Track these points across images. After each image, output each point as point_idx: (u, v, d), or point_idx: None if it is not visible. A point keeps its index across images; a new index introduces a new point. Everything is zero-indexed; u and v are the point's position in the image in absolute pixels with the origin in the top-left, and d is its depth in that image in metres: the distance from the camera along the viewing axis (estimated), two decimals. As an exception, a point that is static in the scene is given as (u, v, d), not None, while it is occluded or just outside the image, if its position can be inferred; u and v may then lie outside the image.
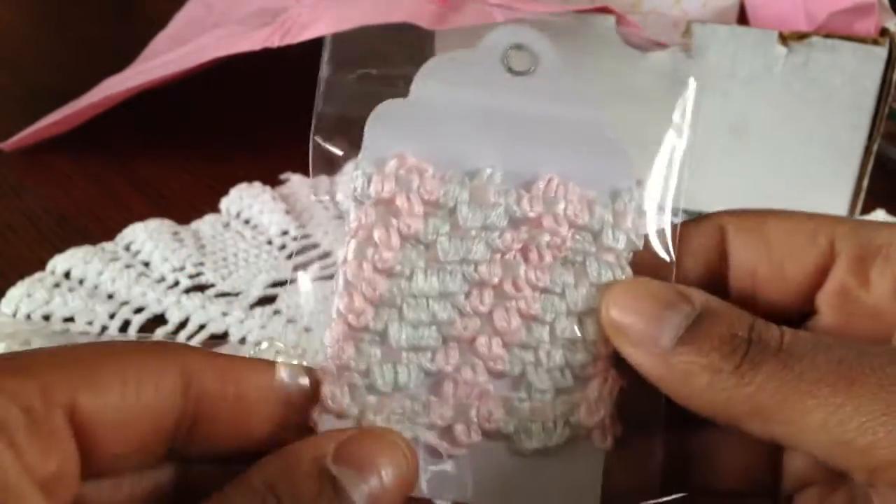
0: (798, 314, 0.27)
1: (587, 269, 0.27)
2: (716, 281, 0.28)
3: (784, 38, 0.48)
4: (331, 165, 0.29)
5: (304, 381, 0.26)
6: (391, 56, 0.29)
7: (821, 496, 0.26)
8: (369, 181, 0.27)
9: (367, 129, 0.27)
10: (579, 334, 0.27)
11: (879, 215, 0.53)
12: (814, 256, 0.27)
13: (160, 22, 0.70)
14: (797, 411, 0.22)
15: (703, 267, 0.28)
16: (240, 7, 0.66)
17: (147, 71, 0.60)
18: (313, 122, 0.29)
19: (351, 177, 0.27)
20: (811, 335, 0.24)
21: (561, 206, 0.27)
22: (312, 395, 0.26)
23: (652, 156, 0.29)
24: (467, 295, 0.27)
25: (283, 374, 0.25)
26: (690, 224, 0.28)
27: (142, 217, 0.52)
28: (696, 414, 0.24)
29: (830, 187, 0.51)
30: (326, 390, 0.25)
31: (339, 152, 0.28)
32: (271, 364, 0.25)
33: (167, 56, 0.61)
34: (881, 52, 0.47)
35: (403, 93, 0.27)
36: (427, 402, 0.26)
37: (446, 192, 0.27)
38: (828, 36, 0.48)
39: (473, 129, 0.27)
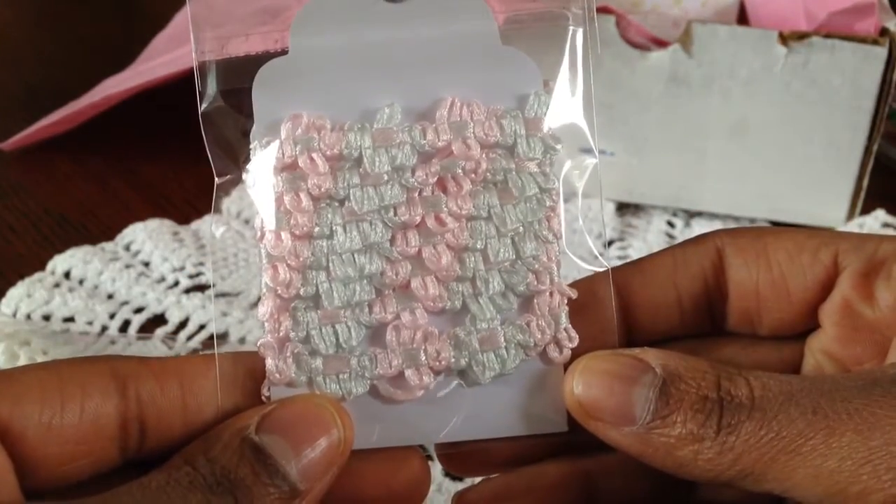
0: (800, 331, 0.27)
1: (510, 186, 0.26)
2: (713, 301, 0.28)
3: (784, 38, 0.48)
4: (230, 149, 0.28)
5: (245, 365, 0.26)
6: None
7: None
8: (267, 149, 0.26)
9: (254, 97, 0.27)
10: (514, 255, 0.26)
11: (879, 215, 0.53)
12: (817, 273, 0.27)
13: (160, 22, 0.70)
14: (785, 470, 0.22)
15: (701, 288, 0.28)
16: (239, 7, 0.66)
17: (147, 71, 0.60)
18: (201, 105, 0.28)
19: (249, 149, 0.27)
20: (778, 380, 0.24)
21: (469, 128, 0.26)
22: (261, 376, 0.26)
23: (557, 58, 0.27)
24: (392, 241, 0.26)
25: (224, 363, 0.25)
26: (688, 245, 0.28)
27: (142, 217, 0.52)
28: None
29: (830, 187, 0.51)
30: (270, 364, 0.25)
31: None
32: (212, 357, 0.25)
33: (167, 56, 0.61)
34: (881, 52, 0.47)
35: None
36: (374, 355, 0.26)
37: (348, 143, 0.26)
38: (828, 36, 0.48)
39: (361, 70, 0.26)
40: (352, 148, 0.26)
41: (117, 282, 0.48)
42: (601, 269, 0.27)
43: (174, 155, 0.60)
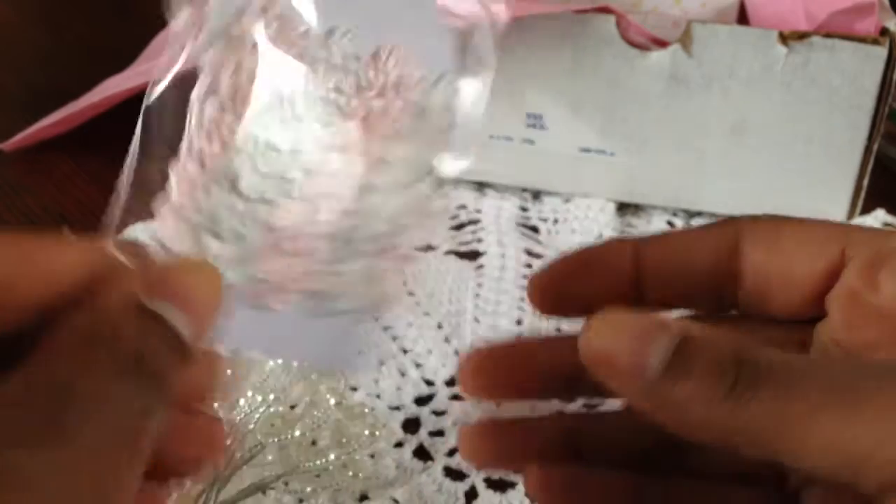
0: (808, 318, 0.27)
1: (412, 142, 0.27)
2: (724, 282, 0.28)
3: (784, 38, 0.48)
4: None
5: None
6: None
7: (828, 496, 0.26)
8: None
9: None
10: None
11: (879, 215, 0.53)
12: (824, 262, 0.27)
13: (160, 22, 0.70)
14: (800, 433, 0.22)
15: (712, 266, 0.27)
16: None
17: (147, 71, 0.60)
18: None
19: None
20: (797, 356, 0.23)
21: (404, 79, 0.26)
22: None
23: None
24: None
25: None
26: (709, 226, 0.28)
27: (142, 218, 0.52)
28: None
29: (830, 187, 0.51)
30: (168, 229, 0.24)
31: None
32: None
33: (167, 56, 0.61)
34: (881, 52, 0.47)
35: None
36: (260, 254, 0.25)
37: (306, 48, 0.25)
38: (828, 36, 0.48)
39: None
40: (307, 55, 0.26)
41: (117, 282, 0.48)
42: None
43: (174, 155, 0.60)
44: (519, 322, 0.46)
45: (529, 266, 0.51)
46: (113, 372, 0.20)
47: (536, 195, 0.56)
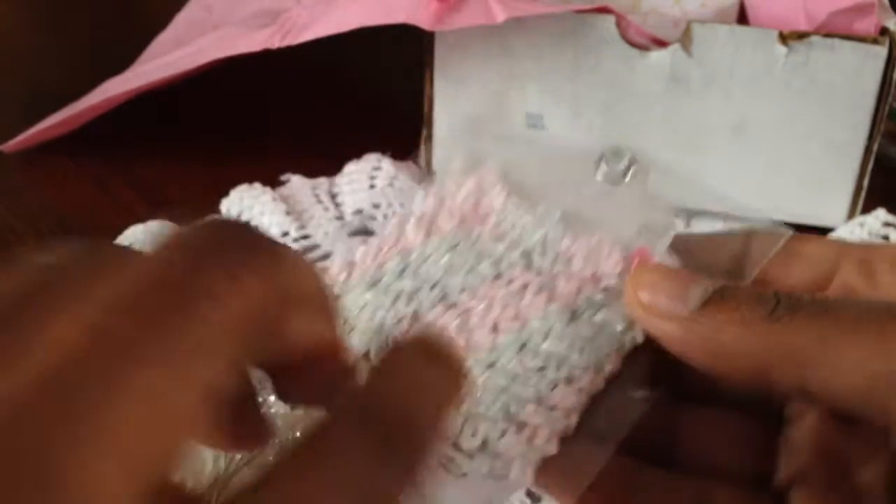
0: None
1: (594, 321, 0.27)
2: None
3: (784, 38, 0.48)
4: None
5: None
6: None
7: (814, 495, 0.26)
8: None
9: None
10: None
11: (880, 215, 0.53)
12: (821, 266, 0.27)
13: (160, 23, 0.70)
14: (834, 352, 0.22)
15: (731, 267, 0.28)
16: (240, 8, 0.66)
17: (147, 72, 0.60)
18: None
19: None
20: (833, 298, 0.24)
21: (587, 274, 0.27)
22: None
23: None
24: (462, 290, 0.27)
25: None
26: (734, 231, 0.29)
27: (142, 218, 0.52)
28: (706, 386, 0.25)
29: (830, 187, 0.51)
30: None
31: None
32: None
33: (167, 58, 0.61)
34: (881, 52, 0.47)
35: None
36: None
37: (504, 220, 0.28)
38: (828, 35, 0.48)
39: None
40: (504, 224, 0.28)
41: (118, 283, 0.48)
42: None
43: (174, 156, 0.60)
44: (519, 322, 0.46)
45: (530, 266, 0.50)
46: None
47: (537, 195, 0.56)
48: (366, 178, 0.57)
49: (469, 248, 0.27)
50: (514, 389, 0.26)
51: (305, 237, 0.53)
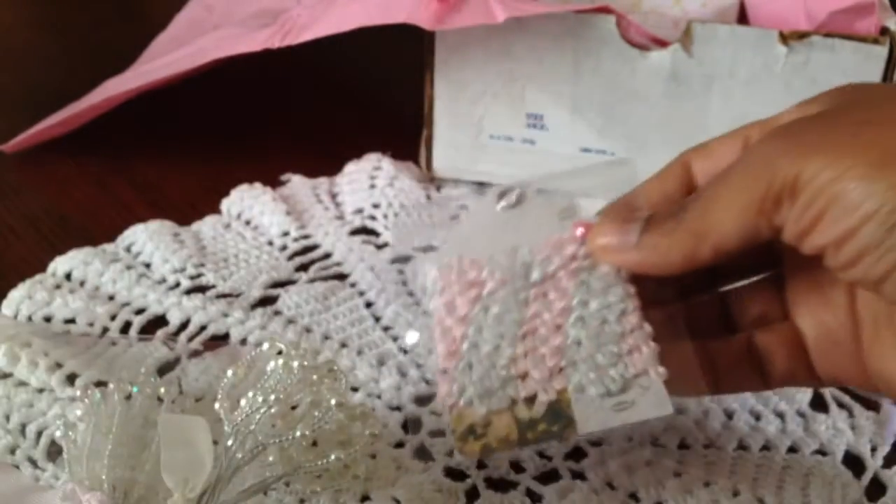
0: None
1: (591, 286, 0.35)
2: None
3: (784, 38, 0.48)
4: None
5: None
6: None
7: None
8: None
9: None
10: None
11: (880, 215, 0.53)
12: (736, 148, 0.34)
13: (160, 23, 0.71)
14: (715, 215, 0.31)
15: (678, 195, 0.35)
16: (240, 8, 0.66)
17: (147, 72, 0.61)
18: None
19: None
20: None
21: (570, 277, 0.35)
22: None
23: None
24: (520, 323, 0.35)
25: None
26: (664, 170, 0.36)
27: (142, 218, 0.52)
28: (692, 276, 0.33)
29: (831, 187, 0.51)
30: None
31: None
32: None
33: (167, 57, 0.61)
34: (881, 52, 0.47)
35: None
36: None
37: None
38: (828, 35, 0.48)
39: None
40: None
41: (118, 283, 0.48)
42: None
43: (174, 156, 0.60)
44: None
45: (530, 266, 0.51)
46: None
47: (537, 195, 0.56)
48: (366, 178, 0.57)
49: (497, 300, 0.35)
50: (602, 344, 0.34)
51: (306, 237, 0.53)
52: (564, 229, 0.37)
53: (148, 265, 0.50)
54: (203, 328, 0.46)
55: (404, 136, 0.58)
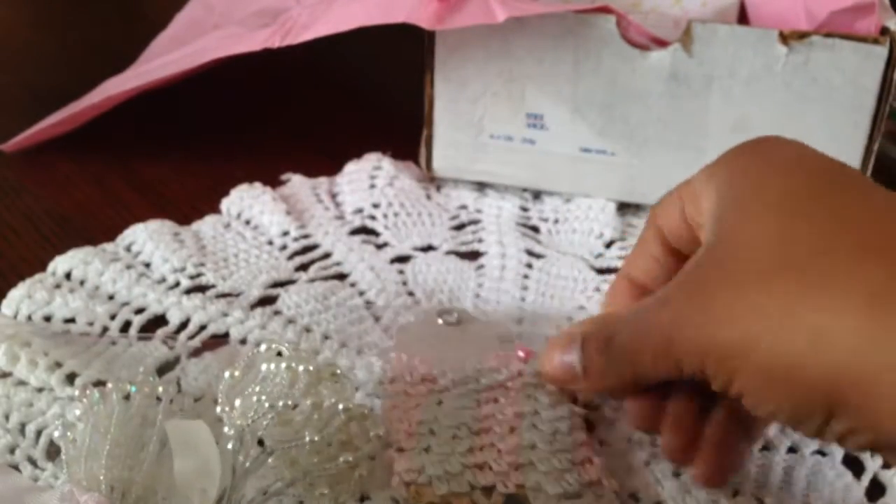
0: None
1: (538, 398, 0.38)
2: (692, 240, 0.37)
3: (784, 38, 0.48)
4: None
5: None
6: None
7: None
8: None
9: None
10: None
11: (880, 215, 0.53)
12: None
13: (160, 23, 0.71)
14: (635, 345, 0.34)
15: (676, 235, 0.38)
16: (240, 8, 0.66)
17: (148, 72, 0.60)
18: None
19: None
20: (610, 313, 0.37)
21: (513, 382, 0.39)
22: None
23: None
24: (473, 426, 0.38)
25: None
26: (641, 238, 0.39)
27: (142, 218, 0.52)
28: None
29: (831, 187, 0.51)
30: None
31: None
32: None
33: (168, 57, 0.61)
34: (881, 52, 0.47)
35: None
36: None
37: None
38: (828, 35, 0.48)
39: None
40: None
41: (118, 283, 0.48)
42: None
43: (174, 155, 0.60)
44: (519, 322, 0.46)
45: (530, 266, 0.50)
46: None
47: (537, 195, 0.56)
48: (366, 178, 0.57)
49: (451, 396, 0.38)
50: (557, 450, 0.36)
51: (306, 237, 0.53)
52: (505, 351, 0.40)
53: (148, 265, 0.50)
54: (203, 328, 0.46)
55: (404, 136, 0.58)
